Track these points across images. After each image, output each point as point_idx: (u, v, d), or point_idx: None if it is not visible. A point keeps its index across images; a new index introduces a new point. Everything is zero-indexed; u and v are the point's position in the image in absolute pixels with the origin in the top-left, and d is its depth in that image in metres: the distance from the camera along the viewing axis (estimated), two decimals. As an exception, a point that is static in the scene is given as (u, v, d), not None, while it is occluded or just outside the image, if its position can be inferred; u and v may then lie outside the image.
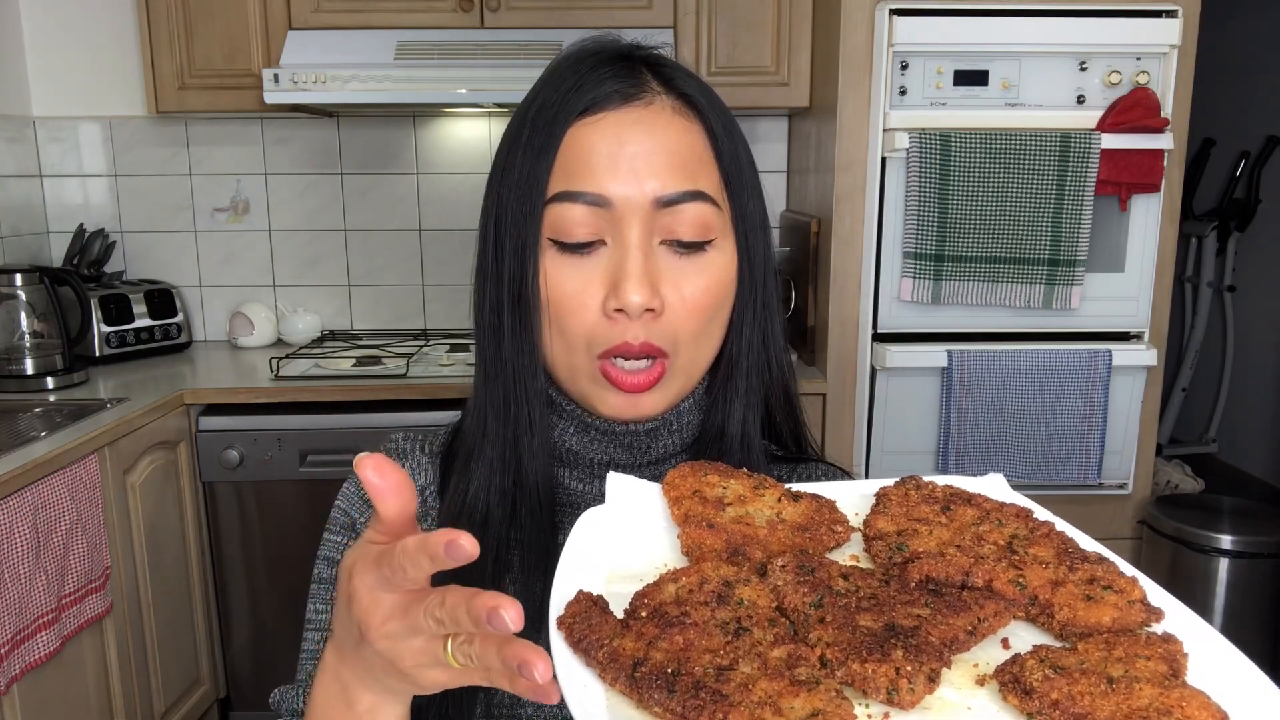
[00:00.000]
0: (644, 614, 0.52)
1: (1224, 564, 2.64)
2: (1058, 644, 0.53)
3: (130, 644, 2.37)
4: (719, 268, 0.80)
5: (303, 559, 2.80)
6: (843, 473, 0.94)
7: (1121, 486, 2.64)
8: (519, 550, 0.82)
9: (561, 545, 0.82)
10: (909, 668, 0.45)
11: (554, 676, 0.50)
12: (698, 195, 0.78)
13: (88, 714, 2.22)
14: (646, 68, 0.81)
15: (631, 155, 0.76)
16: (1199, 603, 2.65)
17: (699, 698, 0.44)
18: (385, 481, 0.53)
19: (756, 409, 0.88)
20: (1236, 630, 2.65)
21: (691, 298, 0.78)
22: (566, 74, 0.80)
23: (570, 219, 0.76)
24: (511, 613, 0.49)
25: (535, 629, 0.81)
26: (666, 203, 0.77)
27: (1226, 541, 2.63)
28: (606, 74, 0.79)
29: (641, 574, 0.60)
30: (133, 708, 2.38)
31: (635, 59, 0.81)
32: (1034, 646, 0.51)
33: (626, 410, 0.80)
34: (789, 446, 0.93)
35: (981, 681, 0.49)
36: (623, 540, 0.64)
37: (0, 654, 1.87)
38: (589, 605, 0.51)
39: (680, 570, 0.56)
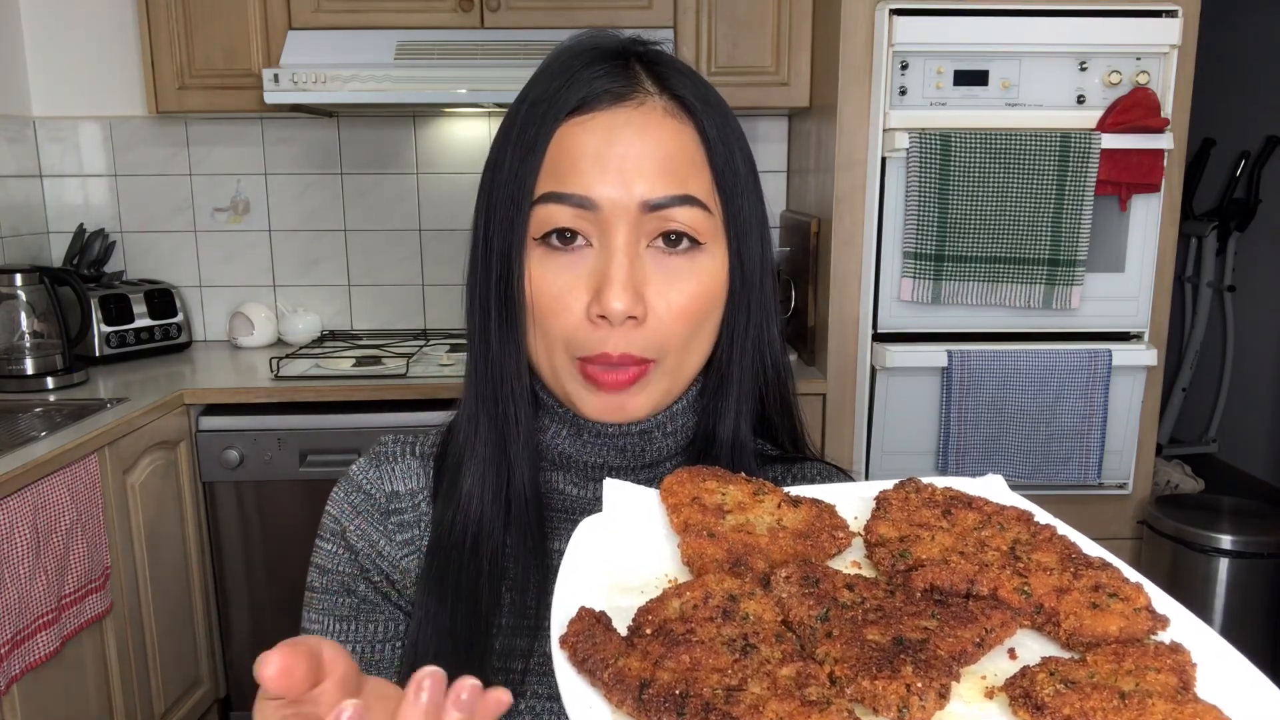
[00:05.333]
0: (649, 631, 0.51)
1: (1224, 564, 2.64)
2: (1065, 654, 0.53)
3: (130, 644, 2.37)
4: (708, 273, 0.78)
5: (303, 559, 2.79)
6: (839, 471, 0.93)
7: (1121, 486, 2.64)
8: (513, 557, 0.82)
9: (553, 550, 0.82)
10: (919, 684, 0.45)
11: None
12: (687, 199, 0.76)
13: (88, 714, 2.22)
14: (641, 65, 0.79)
15: (620, 157, 0.75)
16: (1199, 603, 2.65)
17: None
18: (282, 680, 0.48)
19: (749, 413, 0.87)
20: (1237, 631, 2.65)
21: (678, 304, 0.77)
22: (559, 71, 0.78)
23: (556, 220, 0.75)
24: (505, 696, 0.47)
25: (531, 636, 0.81)
26: (654, 206, 0.75)
27: (1226, 541, 2.63)
28: (599, 72, 0.77)
29: (643, 585, 0.60)
30: (133, 708, 2.38)
31: (630, 56, 0.80)
32: (1043, 658, 0.51)
33: (610, 412, 0.79)
34: (785, 447, 0.93)
35: (990, 694, 0.49)
36: (622, 550, 0.63)
37: (0, 654, 1.87)
38: (592, 623, 0.51)
39: (684, 584, 0.56)
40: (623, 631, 0.52)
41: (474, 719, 0.46)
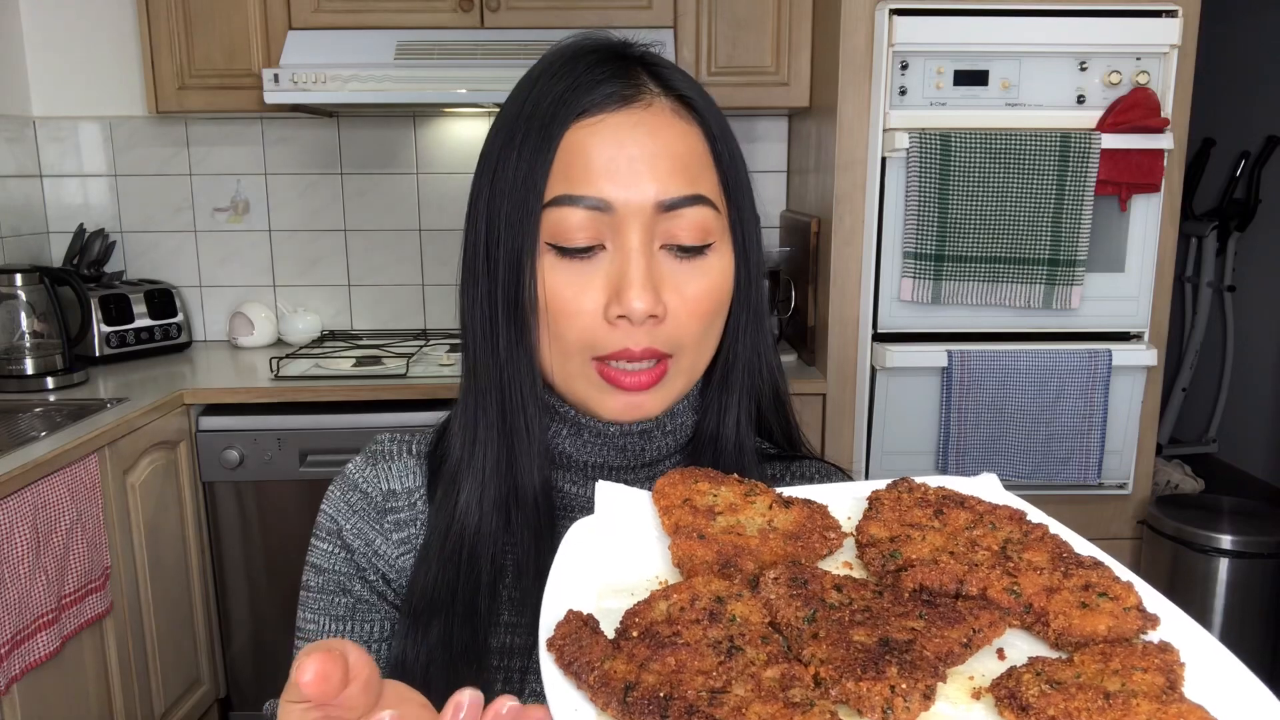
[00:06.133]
0: (635, 634, 0.51)
1: (1224, 564, 2.63)
2: (1053, 654, 0.53)
3: (130, 644, 2.37)
4: (718, 271, 0.79)
5: (302, 559, 2.80)
6: (837, 470, 0.94)
7: (1121, 486, 2.64)
8: (513, 557, 0.82)
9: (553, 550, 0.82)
10: (904, 685, 0.45)
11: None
12: (698, 199, 0.77)
13: (88, 714, 2.22)
14: (643, 67, 0.80)
15: (632, 158, 0.75)
16: (1199, 603, 2.65)
17: None
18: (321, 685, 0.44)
19: (750, 411, 0.87)
20: (1237, 631, 2.65)
21: (693, 301, 0.77)
22: (561, 74, 0.78)
23: (569, 223, 0.75)
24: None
25: (533, 635, 0.81)
26: (668, 207, 0.75)
27: (1226, 541, 2.63)
28: (603, 74, 0.77)
29: (633, 588, 0.60)
30: (133, 708, 2.38)
31: (629, 58, 0.80)
32: (1030, 659, 0.50)
33: (628, 412, 0.79)
34: (781, 445, 0.93)
35: (977, 695, 0.49)
36: (613, 552, 0.63)
37: (0, 654, 1.87)
38: (579, 626, 0.51)
39: (671, 586, 0.56)
40: (610, 634, 0.52)
41: None
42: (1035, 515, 0.66)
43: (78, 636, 2.16)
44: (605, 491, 0.68)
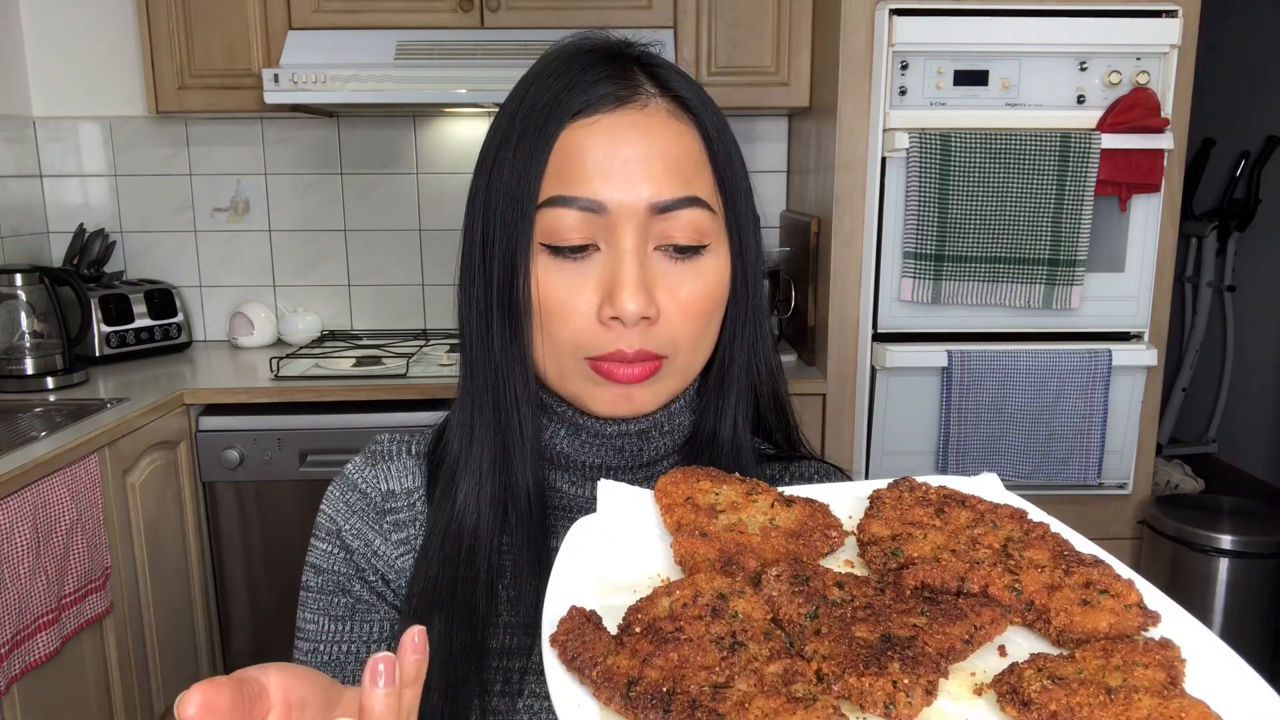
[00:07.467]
0: (638, 630, 0.51)
1: (1224, 564, 2.64)
2: (1055, 651, 0.53)
3: (130, 644, 2.37)
4: (714, 272, 0.79)
5: (302, 559, 2.79)
6: (836, 470, 0.93)
7: (1121, 486, 2.64)
8: (511, 556, 0.82)
9: (553, 549, 0.82)
10: (906, 680, 0.45)
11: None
12: (693, 201, 0.76)
13: (88, 714, 2.22)
14: (639, 68, 0.79)
15: (626, 160, 0.75)
16: (1199, 603, 2.65)
17: (695, 717, 0.43)
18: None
19: (747, 411, 0.87)
20: (1237, 631, 2.65)
21: (687, 303, 0.77)
22: (557, 73, 0.78)
23: (563, 224, 0.75)
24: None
25: (532, 635, 0.81)
26: (661, 208, 0.75)
27: (1226, 541, 2.63)
28: (599, 75, 0.77)
29: (635, 585, 0.60)
30: (133, 708, 2.38)
31: (627, 58, 0.80)
32: (1031, 655, 0.51)
33: (619, 405, 0.79)
34: (780, 445, 0.93)
35: (979, 691, 0.49)
36: (615, 550, 0.63)
37: (0, 654, 1.87)
38: (582, 621, 0.51)
39: (674, 583, 0.56)
40: (613, 630, 0.52)
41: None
42: (1036, 514, 0.66)
43: (78, 636, 2.16)
44: (607, 490, 0.69)
